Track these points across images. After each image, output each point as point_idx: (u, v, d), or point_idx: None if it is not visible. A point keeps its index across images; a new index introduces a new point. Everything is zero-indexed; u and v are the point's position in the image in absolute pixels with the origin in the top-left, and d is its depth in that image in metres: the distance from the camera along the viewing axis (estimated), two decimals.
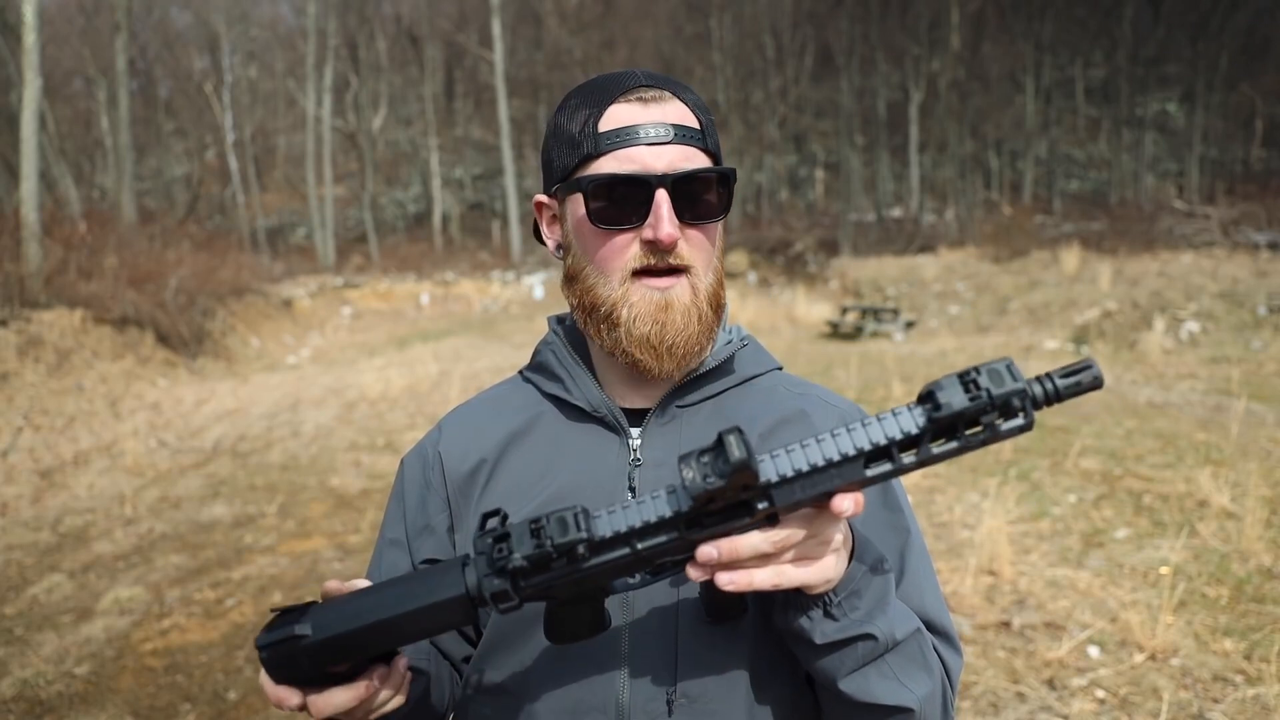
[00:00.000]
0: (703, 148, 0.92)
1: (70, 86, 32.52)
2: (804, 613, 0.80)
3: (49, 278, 11.91)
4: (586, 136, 0.91)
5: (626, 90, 0.91)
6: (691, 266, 0.92)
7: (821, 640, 0.80)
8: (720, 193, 0.92)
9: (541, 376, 1.05)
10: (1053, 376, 0.68)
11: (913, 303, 17.65)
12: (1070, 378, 0.68)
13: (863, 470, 0.69)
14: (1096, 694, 3.23)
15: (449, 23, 40.59)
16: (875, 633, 0.80)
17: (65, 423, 8.99)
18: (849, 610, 0.79)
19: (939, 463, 0.71)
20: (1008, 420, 0.68)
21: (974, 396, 0.67)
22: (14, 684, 3.79)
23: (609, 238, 0.91)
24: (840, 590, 0.79)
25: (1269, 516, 4.70)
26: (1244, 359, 10.25)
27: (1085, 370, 0.68)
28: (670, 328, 0.91)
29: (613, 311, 0.92)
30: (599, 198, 0.90)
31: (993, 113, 32.90)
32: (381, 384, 10.79)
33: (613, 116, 0.91)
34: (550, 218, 1.01)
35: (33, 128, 12.40)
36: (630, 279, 0.92)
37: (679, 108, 0.92)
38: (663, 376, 0.95)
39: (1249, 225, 20.14)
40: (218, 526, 5.92)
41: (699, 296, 0.93)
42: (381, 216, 38.20)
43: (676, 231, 0.89)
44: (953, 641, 0.97)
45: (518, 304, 22.97)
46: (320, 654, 0.73)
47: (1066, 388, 0.68)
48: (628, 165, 0.89)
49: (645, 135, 0.89)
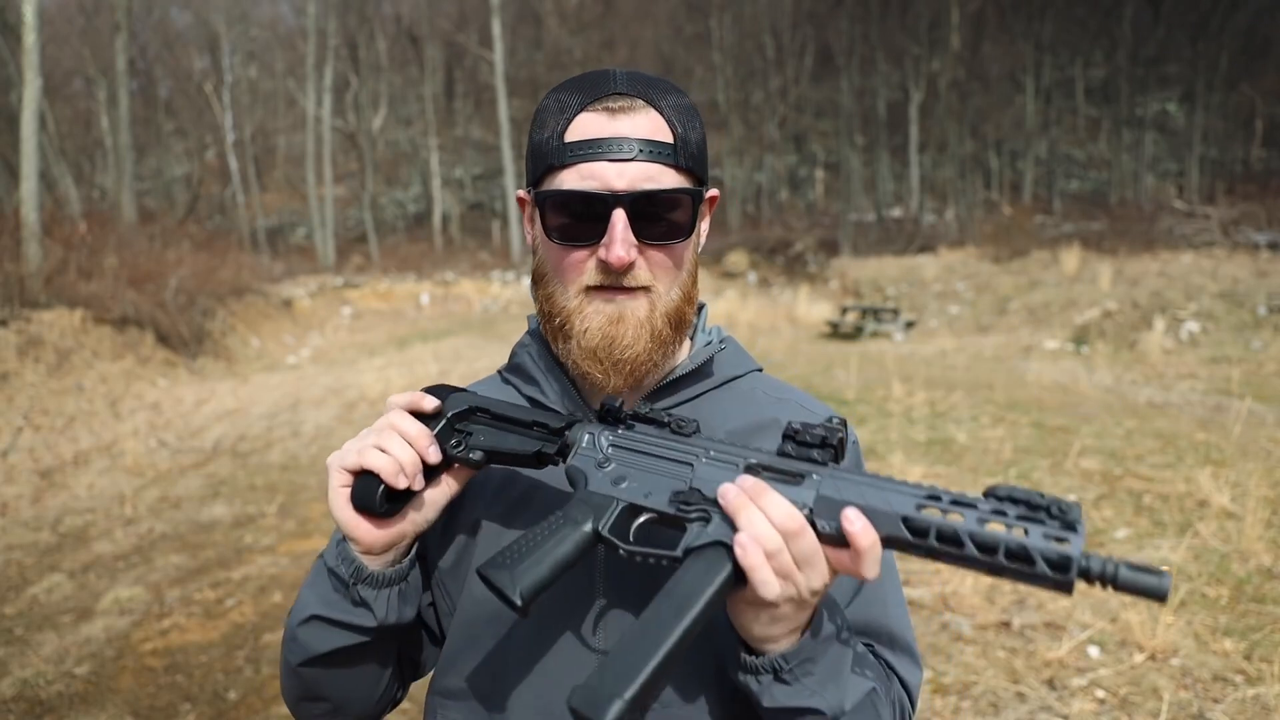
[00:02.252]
0: (673, 164, 0.88)
1: (70, 86, 32.51)
2: (754, 675, 0.79)
3: (49, 278, 11.90)
4: (553, 147, 0.89)
5: (599, 97, 0.88)
6: (651, 286, 0.90)
7: (769, 704, 0.79)
8: (687, 212, 0.90)
9: (519, 379, 1.04)
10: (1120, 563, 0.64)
11: (913, 303, 17.66)
12: (1136, 572, 0.63)
13: (902, 527, 0.70)
14: (1096, 694, 3.23)
15: (449, 23, 40.59)
16: (823, 707, 0.79)
17: (65, 423, 8.99)
18: (801, 676, 0.78)
19: (977, 562, 0.67)
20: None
21: (1038, 499, 0.66)
22: (14, 684, 3.79)
23: (567, 253, 0.90)
24: (792, 658, 0.78)
25: (1269, 516, 4.70)
26: (1244, 359, 10.25)
27: (1154, 574, 0.62)
28: (619, 341, 0.89)
29: (567, 322, 0.92)
30: (557, 213, 0.89)
31: (993, 113, 32.91)
32: (381, 384, 10.79)
33: (580, 127, 0.88)
34: (530, 214, 0.99)
35: (33, 128, 12.40)
36: (584, 292, 0.91)
37: (651, 120, 0.88)
38: (612, 391, 0.92)
39: (1249, 225, 20.15)
40: (218, 526, 5.91)
41: (655, 313, 0.91)
42: (381, 216, 38.21)
43: (629, 255, 0.86)
44: (914, 655, 0.97)
45: (518, 304, 22.96)
46: None
47: (1128, 581, 0.63)
48: (588, 181, 0.86)
49: (609, 150, 0.86)
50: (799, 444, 0.77)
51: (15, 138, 14.29)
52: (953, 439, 6.92)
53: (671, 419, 0.84)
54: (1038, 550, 0.64)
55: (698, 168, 0.92)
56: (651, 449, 0.83)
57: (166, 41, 38.15)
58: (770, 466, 0.76)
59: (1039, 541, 0.65)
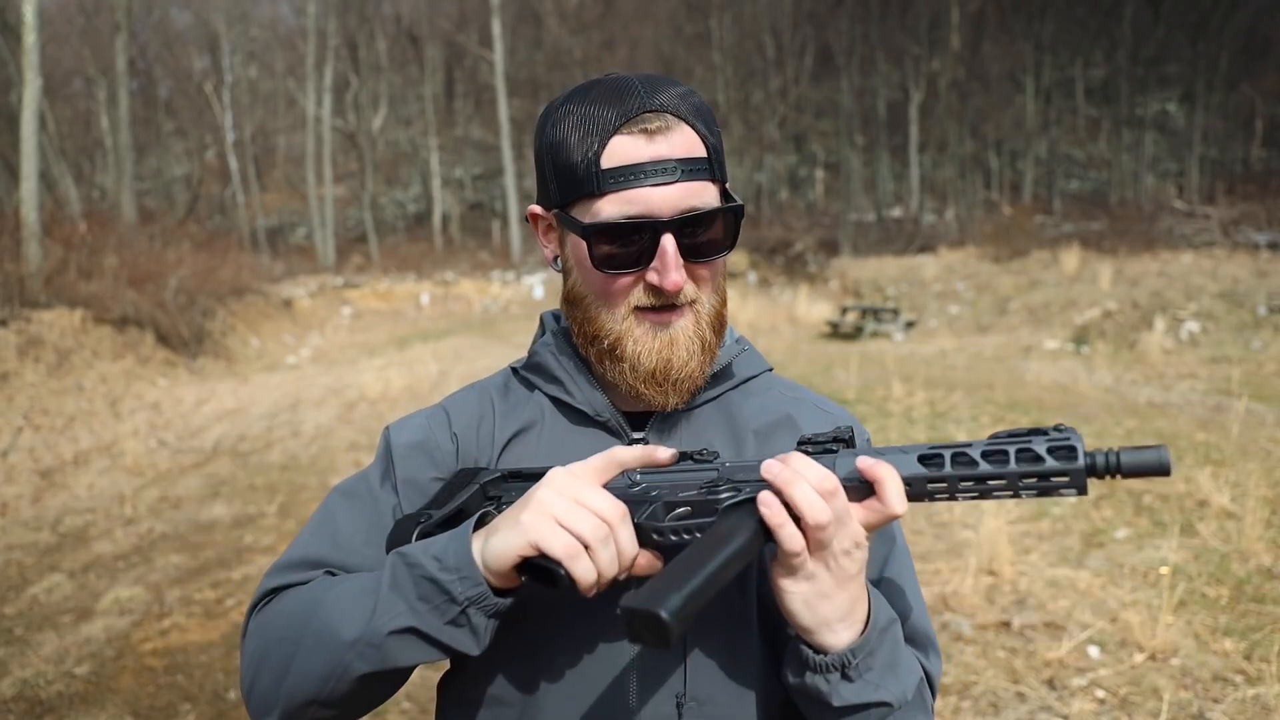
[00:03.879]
0: (709, 178, 0.88)
1: (70, 86, 32.52)
2: (824, 674, 0.80)
3: (49, 278, 11.90)
4: (589, 173, 0.86)
5: (630, 119, 0.86)
6: (695, 300, 0.91)
7: (839, 704, 0.80)
8: (727, 225, 0.90)
9: (540, 377, 1.02)
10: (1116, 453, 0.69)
11: (913, 303, 17.66)
12: (1136, 453, 0.69)
13: (917, 464, 0.75)
14: (1096, 694, 3.23)
15: (449, 23, 40.59)
16: (890, 699, 0.81)
17: (65, 423, 8.99)
18: (864, 671, 0.80)
19: (987, 490, 0.73)
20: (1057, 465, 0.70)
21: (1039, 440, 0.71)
22: (14, 684, 3.79)
23: (614, 280, 0.89)
24: (858, 652, 0.79)
25: (1269, 516, 4.70)
26: (1244, 359, 10.25)
27: (1152, 450, 0.68)
28: (675, 362, 0.90)
29: (617, 345, 0.91)
30: (604, 243, 0.87)
31: (993, 113, 32.91)
32: (381, 384, 10.79)
33: (616, 152, 0.85)
34: (546, 228, 0.98)
35: (33, 128, 12.40)
36: (633, 313, 0.91)
37: (686, 137, 0.87)
38: (667, 409, 0.94)
39: (1249, 225, 20.15)
40: (218, 526, 5.91)
41: (701, 324, 0.92)
42: (381, 216, 38.21)
43: (683, 278, 0.87)
44: (934, 646, 0.99)
45: (518, 304, 22.97)
46: None
47: (1129, 464, 0.68)
48: (631, 207, 0.85)
49: (652, 175, 0.85)
50: (815, 444, 0.81)
51: (15, 138, 14.30)
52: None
53: (692, 452, 0.86)
54: (1044, 448, 0.70)
55: (725, 174, 0.93)
56: (678, 470, 0.85)
57: (166, 41, 38.15)
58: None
59: (1042, 445, 0.70)
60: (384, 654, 0.79)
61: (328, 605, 0.83)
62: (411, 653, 0.79)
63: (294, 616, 0.86)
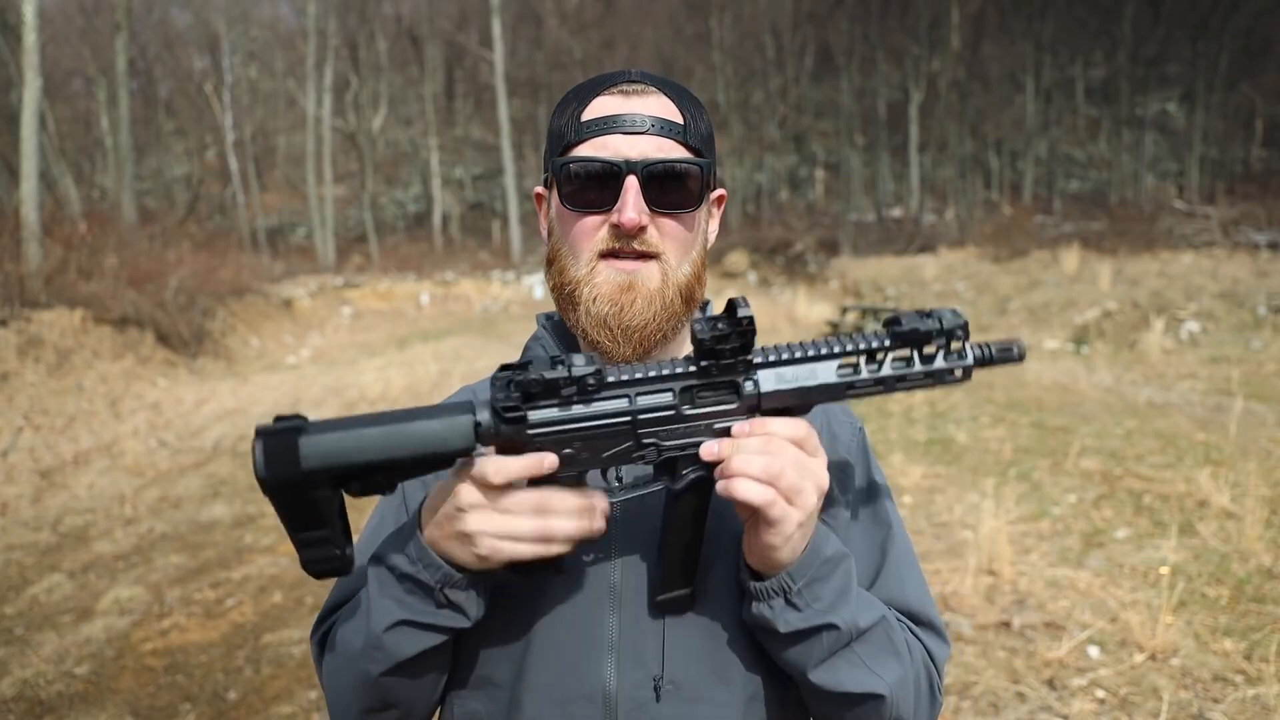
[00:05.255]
0: (682, 140, 0.93)
1: (70, 86, 32.54)
2: (766, 601, 0.83)
3: (49, 278, 11.90)
4: (570, 126, 0.94)
5: (614, 84, 0.95)
6: (662, 254, 0.93)
7: (785, 629, 0.83)
8: (696, 183, 0.93)
9: None
10: (989, 344, 0.84)
11: (913, 303, 17.65)
12: (1002, 349, 0.84)
13: (835, 373, 0.80)
14: (1096, 694, 3.23)
15: (449, 23, 40.59)
16: (838, 622, 0.83)
17: (65, 423, 8.99)
18: (811, 600, 0.82)
19: (894, 388, 0.82)
20: (952, 352, 0.82)
21: (928, 323, 0.80)
22: (14, 684, 3.79)
23: (579, 219, 0.93)
24: (798, 576, 0.81)
25: (1269, 516, 4.70)
26: (1244, 359, 10.24)
27: (1014, 345, 0.84)
28: (629, 309, 0.92)
29: (575, 290, 0.94)
30: (572, 181, 0.92)
31: (993, 113, 32.91)
32: (381, 384, 10.79)
33: (596, 107, 0.93)
34: (545, 207, 1.03)
35: (33, 128, 12.40)
36: (597, 259, 0.93)
37: (662, 101, 0.94)
38: (620, 360, 0.94)
39: (1249, 225, 20.14)
40: (218, 526, 5.91)
41: (668, 284, 0.93)
42: (381, 216, 38.21)
43: (641, 218, 0.90)
44: (937, 630, 1.01)
45: (518, 304, 22.97)
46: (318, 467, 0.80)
47: (999, 353, 0.83)
48: (602, 151, 0.91)
49: (623, 124, 0.91)
50: (704, 347, 0.78)
51: (15, 138, 14.27)
52: (952, 439, 6.93)
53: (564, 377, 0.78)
54: (930, 330, 0.81)
55: (706, 151, 0.96)
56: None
57: (166, 41, 38.16)
58: (704, 385, 0.80)
59: (932, 326, 0.81)
60: (388, 651, 0.85)
61: (343, 628, 0.92)
62: (411, 642, 0.85)
63: (332, 648, 0.95)
